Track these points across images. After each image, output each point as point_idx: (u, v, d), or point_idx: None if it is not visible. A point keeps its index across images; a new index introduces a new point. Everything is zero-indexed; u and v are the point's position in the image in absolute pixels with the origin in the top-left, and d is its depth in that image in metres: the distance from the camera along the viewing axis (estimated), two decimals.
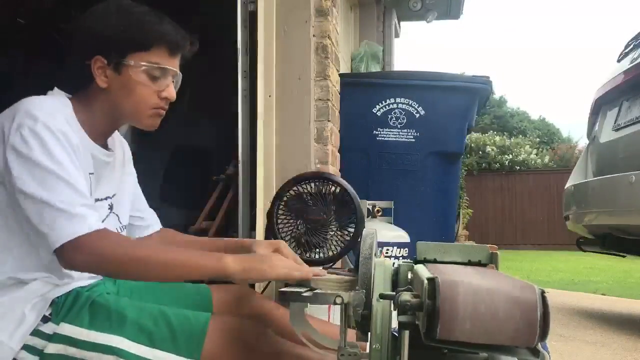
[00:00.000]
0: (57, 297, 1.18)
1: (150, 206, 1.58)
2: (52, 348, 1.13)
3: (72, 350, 1.12)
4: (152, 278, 1.22)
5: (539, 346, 0.76)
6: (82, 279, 1.26)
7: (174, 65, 1.29)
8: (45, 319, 1.15)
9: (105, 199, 1.33)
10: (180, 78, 1.33)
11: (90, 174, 1.26)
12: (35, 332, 1.14)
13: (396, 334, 0.92)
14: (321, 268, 1.25)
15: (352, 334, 1.06)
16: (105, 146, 1.33)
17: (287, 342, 1.25)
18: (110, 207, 1.35)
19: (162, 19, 1.27)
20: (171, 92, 1.29)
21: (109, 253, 1.11)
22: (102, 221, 1.29)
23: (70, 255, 1.09)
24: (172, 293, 1.42)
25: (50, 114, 1.15)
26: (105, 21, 1.24)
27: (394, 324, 0.91)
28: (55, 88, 1.27)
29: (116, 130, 1.40)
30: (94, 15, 1.26)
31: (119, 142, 1.44)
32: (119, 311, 1.17)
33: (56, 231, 1.08)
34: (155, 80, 1.26)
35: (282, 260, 1.20)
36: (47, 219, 1.09)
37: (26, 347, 1.13)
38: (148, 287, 1.42)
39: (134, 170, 1.52)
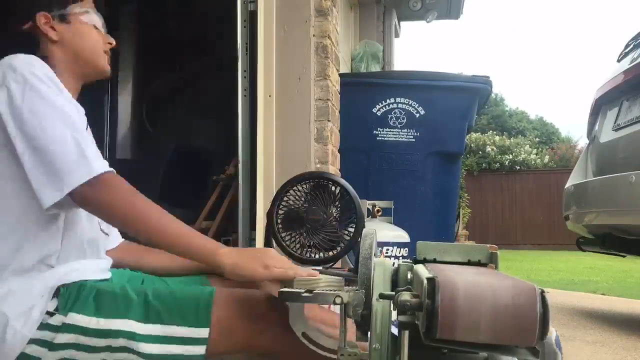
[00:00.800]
0: (63, 287, 1.17)
1: None
2: (62, 338, 1.12)
3: (82, 339, 1.12)
4: (146, 238, 1.21)
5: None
6: (87, 270, 1.25)
7: (97, 11, 1.36)
8: (51, 314, 1.15)
9: None
10: (104, 23, 1.38)
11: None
12: (44, 326, 1.13)
13: (396, 334, 0.92)
14: (312, 269, 1.23)
15: (351, 334, 1.06)
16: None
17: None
18: None
19: None
20: (111, 38, 1.37)
21: (122, 196, 1.13)
22: None
23: (88, 192, 1.10)
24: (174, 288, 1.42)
25: (31, 63, 1.17)
26: None
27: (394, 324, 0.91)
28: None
29: None
30: None
31: None
32: (124, 295, 1.17)
33: (71, 174, 1.09)
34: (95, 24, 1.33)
35: (278, 260, 1.18)
36: (59, 161, 1.09)
37: (34, 341, 1.13)
38: (149, 284, 1.42)
39: None
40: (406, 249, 2.50)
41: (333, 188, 1.88)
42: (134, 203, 1.14)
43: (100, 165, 1.11)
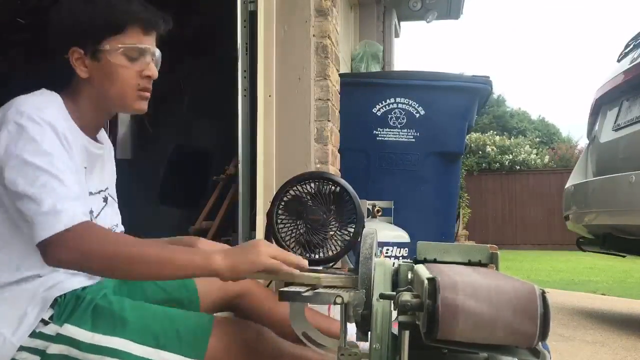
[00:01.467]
0: (59, 297, 1.17)
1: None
2: (54, 348, 1.12)
3: (75, 352, 1.12)
4: (137, 277, 1.19)
5: (540, 346, 0.76)
6: (84, 276, 1.25)
7: (150, 43, 1.29)
8: (46, 322, 1.15)
9: (99, 192, 1.33)
10: (159, 56, 1.32)
11: (83, 167, 1.26)
12: (38, 334, 1.13)
13: (396, 333, 0.92)
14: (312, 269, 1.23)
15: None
16: (95, 139, 1.33)
17: (287, 342, 1.25)
18: (105, 200, 1.35)
19: (131, 0, 1.27)
20: (153, 70, 1.29)
21: (94, 249, 1.08)
22: (98, 214, 1.29)
23: (54, 251, 1.06)
24: (160, 284, 1.42)
25: (37, 107, 1.15)
26: (74, 11, 1.24)
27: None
28: (43, 89, 1.26)
29: (103, 130, 1.41)
30: (62, 7, 1.26)
31: (105, 136, 1.44)
32: (122, 313, 1.17)
33: (39, 226, 1.06)
34: (135, 60, 1.26)
35: (268, 247, 1.14)
36: (31, 213, 1.07)
37: (28, 349, 1.13)
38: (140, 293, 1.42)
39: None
40: (406, 249, 2.50)
41: (333, 188, 1.88)
42: (112, 248, 1.10)
43: (71, 219, 1.07)
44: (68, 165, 1.14)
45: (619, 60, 3.35)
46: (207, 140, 3.81)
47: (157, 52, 1.31)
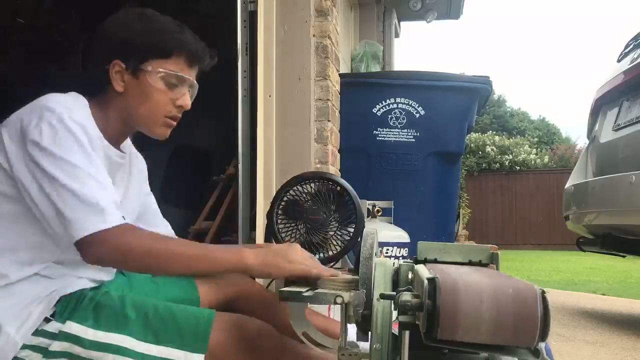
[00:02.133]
0: (63, 297, 1.18)
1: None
2: (57, 346, 1.13)
3: (77, 349, 1.12)
4: (174, 272, 1.25)
5: (541, 347, 0.76)
6: (88, 279, 1.26)
7: (191, 75, 1.31)
8: (48, 320, 1.15)
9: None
10: (196, 89, 1.35)
11: None
12: (40, 332, 1.14)
13: (396, 333, 0.92)
14: (333, 268, 1.25)
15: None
16: (118, 148, 1.34)
17: (289, 339, 1.25)
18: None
19: (184, 29, 1.29)
20: (186, 101, 1.32)
21: (134, 247, 1.13)
22: None
23: (95, 248, 1.10)
24: (161, 284, 1.42)
25: (69, 108, 1.16)
26: (127, 27, 1.26)
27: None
28: (72, 92, 1.27)
29: (130, 142, 1.42)
30: (116, 20, 1.28)
31: (134, 153, 1.46)
32: (123, 310, 1.17)
33: (79, 223, 1.09)
34: (172, 88, 1.28)
35: (301, 255, 1.21)
36: (75, 210, 1.09)
37: (30, 347, 1.13)
38: (139, 280, 1.42)
39: (148, 187, 1.52)
40: (406, 249, 2.50)
41: (333, 188, 1.88)
42: (150, 246, 1.15)
43: (112, 218, 1.11)
44: (101, 167, 1.17)
45: (619, 61, 3.35)
46: (207, 140, 3.81)
47: (195, 85, 1.34)
